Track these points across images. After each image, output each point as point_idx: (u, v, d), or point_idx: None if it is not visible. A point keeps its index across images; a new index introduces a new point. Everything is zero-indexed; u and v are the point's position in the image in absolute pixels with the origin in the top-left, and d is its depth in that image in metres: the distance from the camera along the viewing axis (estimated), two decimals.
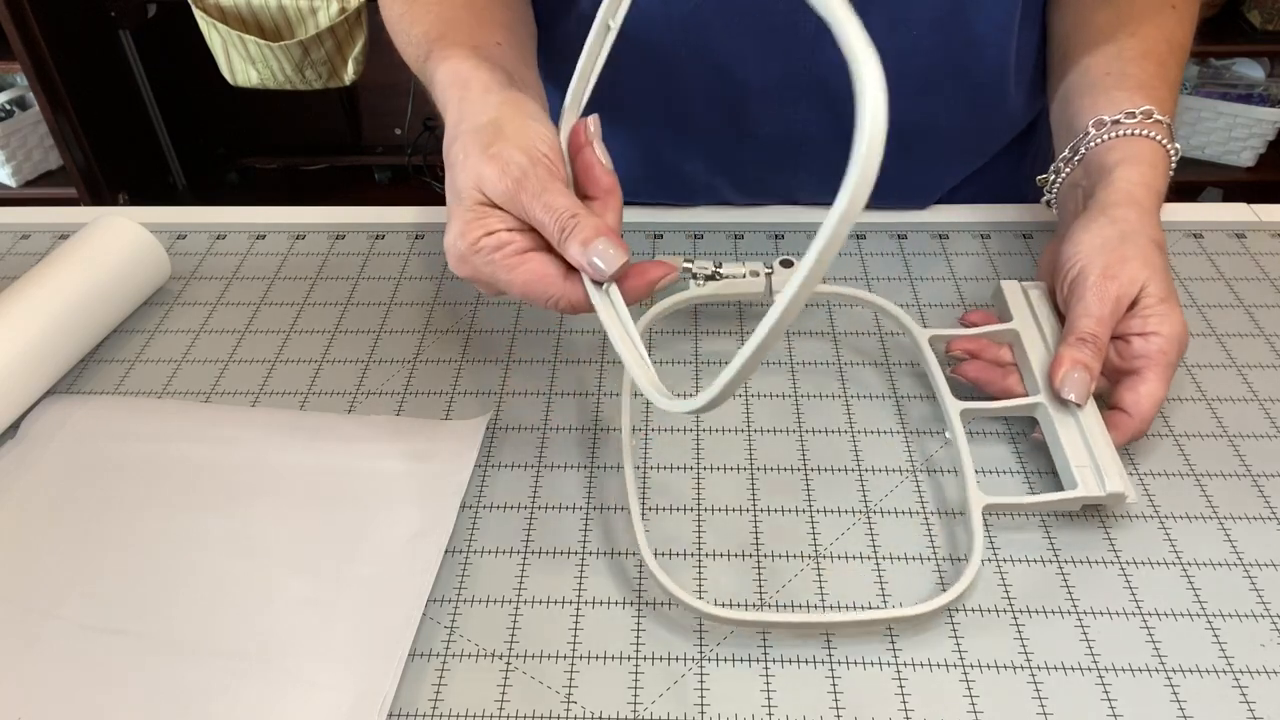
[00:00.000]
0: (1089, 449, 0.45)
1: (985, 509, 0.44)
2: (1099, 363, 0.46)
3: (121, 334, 0.58)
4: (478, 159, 0.40)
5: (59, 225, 0.69)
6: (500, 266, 0.40)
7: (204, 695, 0.38)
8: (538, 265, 0.40)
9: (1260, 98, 1.94)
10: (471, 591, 0.43)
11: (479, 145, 0.41)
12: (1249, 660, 0.39)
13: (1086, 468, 0.44)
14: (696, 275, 0.53)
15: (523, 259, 0.40)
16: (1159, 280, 0.48)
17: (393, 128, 2.27)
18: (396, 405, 0.53)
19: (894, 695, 0.38)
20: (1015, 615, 0.41)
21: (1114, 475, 0.43)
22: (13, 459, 0.49)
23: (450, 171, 0.43)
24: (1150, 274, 0.48)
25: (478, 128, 0.42)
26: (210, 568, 0.43)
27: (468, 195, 0.41)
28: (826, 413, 0.51)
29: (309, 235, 0.67)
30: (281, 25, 1.75)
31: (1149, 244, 0.49)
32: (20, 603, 0.42)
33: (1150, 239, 0.49)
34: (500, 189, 0.40)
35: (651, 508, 0.46)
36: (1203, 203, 0.83)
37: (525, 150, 0.40)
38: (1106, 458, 0.44)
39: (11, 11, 1.72)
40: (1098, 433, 0.45)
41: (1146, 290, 0.48)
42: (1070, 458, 0.44)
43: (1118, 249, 0.48)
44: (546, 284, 0.40)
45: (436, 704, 0.38)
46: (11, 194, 1.99)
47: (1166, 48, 0.56)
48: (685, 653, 0.40)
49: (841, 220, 0.30)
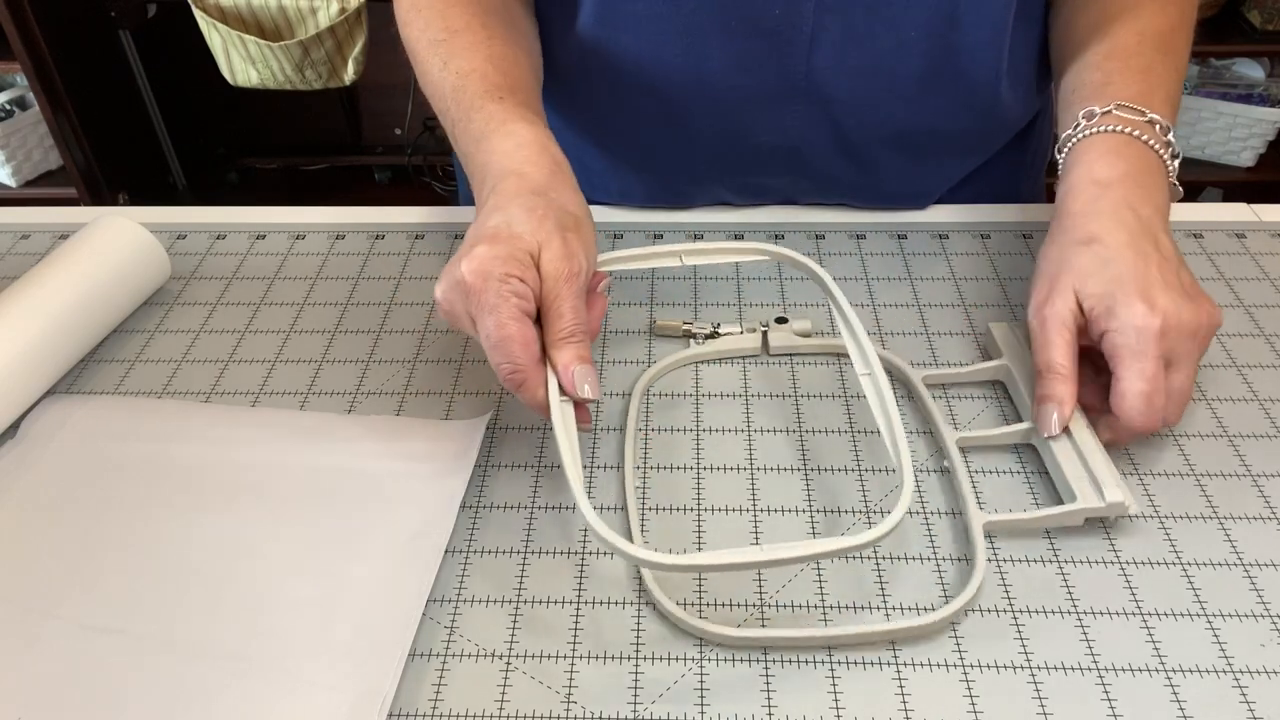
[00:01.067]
0: (1084, 463, 0.45)
1: (986, 526, 0.44)
2: (1067, 387, 0.46)
3: (121, 334, 0.58)
4: (554, 231, 0.44)
5: (59, 225, 0.69)
6: (502, 308, 0.41)
7: (204, 695, 0.38)
8: (530, 334, 0.42)
9: (1260, 98, 1.94)
10: (471, 591, 0.43)
11: (558, 223, 0.44)
12: (1249, 660, 0.39)
13: (1084, 481, 0.44)
14: (696, 335, 0.56)
15: (522, 318, 0.42)
16: (1098, 276, 0.47)
17: (393, 128, 2.27)
18: (396, 405, 0.53)
19: (894, 695, 0.38)
20: (1015, 615, 0.41)
21: (1111, 486, 0.44)
22: (13, 459, 0.49)
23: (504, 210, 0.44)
24: (1082, 276, 0.47)
25: (561, 210, 0.45)
26: (210, 568, 0.43)
27: (525, 242, 0.43)
28: (826, 413, 0.51)
29: (309, 235, 0.67)
30: (281, 25, 1.75)
31: (1083, 240, 0.48)
32: (20, 603, 0.42)
33: (1086, 234, 0.49)
34: (558, 269, 0.43)
35: (651, 508, 0.46)
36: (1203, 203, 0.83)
37: (588, 259, 0.45)
38: (1103, 470, 0.44)
39: (11, 11, 1.72)
40: (1092, 447, 0.46)
41: (1084, 294, 0.47)
42: (1067, 474, 0.45)
43: (1054, 265, 0.49)
44: (522, 351, 0.42)
45: (436, 704, 0.38)
46: (11, 194, 1.99)
47: (1137, 40, 0.55)
48: (685, 653, 0.40)
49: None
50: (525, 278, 0.42)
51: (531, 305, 0.43)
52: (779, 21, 0.56)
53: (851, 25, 0.56)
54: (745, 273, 0.62)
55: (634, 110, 0.63)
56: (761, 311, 0.58)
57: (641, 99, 0.62)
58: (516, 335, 0.42)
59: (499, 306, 0.41)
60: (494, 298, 0.41)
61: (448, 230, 0.67)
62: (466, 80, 0.52)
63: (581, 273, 0.44)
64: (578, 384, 0.43)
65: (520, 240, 0.43)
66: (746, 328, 0.56)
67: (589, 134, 0.68)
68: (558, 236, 0.43)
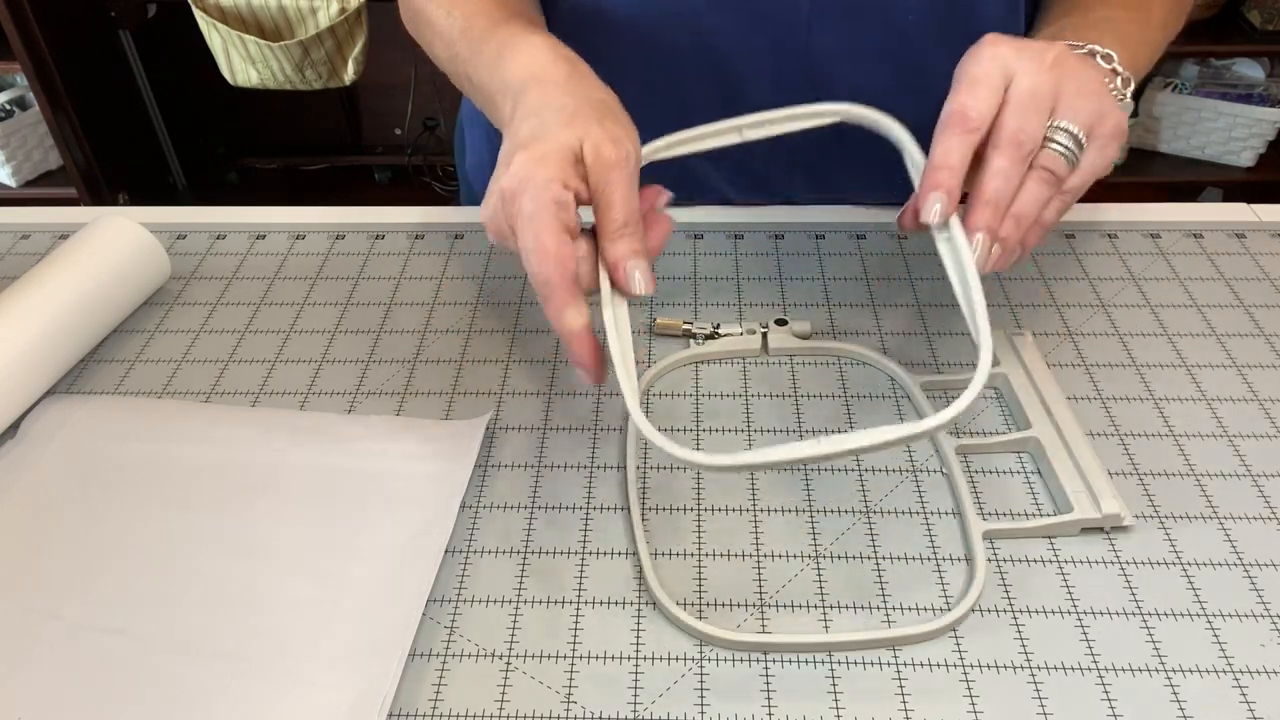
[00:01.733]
0: (1081, 474, 0.45)
1: (985, 534, 0.44)
2: (954, 180, 0.43)
3: (121, 334, 0.58)
4: (590, 121, 0.41)
5: (59, 225, 0.69)
6: (543, 217, 0.39)
7: (204, 695, 0.38)
8: (565, 249, 0.39)
9: (1260, 98, 1.94)
10: (471, 591, 0.43)
11: (595, 112, 0.41)
12: (1249, 660, 0.39)
13: (1081, 492, 0.45)
14: (696, 335, 0.56)
15: (559, 232, 0.39)
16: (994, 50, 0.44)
17: (393, 128, 2.27)
18: (396, 405, 0.53)
19: (894, 695, 0.38)
20: (1015, 615, 0.41)
21: (1108, 497, 0.44)
22: (13, 459, 0.49)
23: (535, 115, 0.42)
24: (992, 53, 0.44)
25: (593, 100, 0.42)
26: (210, 568, 0.43)
27: (563, 137, 0.40)
28: (826, 413, 0.51)
29: (309, 235, 0.67)
30: (281, 25, 1.75)
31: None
32: (20, 603, 0.42)
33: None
34: (604, 155, 0.40)
35: (651, 508, 0.46)
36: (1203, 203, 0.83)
37: (633, 144, 0.41)
38: (1100, 481, 0.45)
39: (11, 11, 1.71)
40: (1090, 458, 0.46)
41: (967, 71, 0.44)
42: (1064, 484, 0.45)
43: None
44: (554, 267, 0.39)
45: (436, 704, 0.38)
46: (11, 194, 1.99)
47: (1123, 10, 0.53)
48: (685, 653, 0.40)
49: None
50: (568, 180, 0.40)
51: (572, 215, 0.40)
52: (776, 3, 0.56)
53: (849, 5, 0.56)
54: (745, 273, 0.62)
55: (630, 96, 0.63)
56: (761, 311, 0.58)
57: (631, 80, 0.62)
58: (551, 247, 0.39)
59: (537, 215, 0.39)
60: (531, 204, 0.39)
61: (448, 230, 0.67)
62: (472, 21, 0.51)
63: (629, 158, 0.41)
64: (628, 279, 0.40)
65: (557, 138, 0.40)
66: (746, 329, 0.56)
67: None
68: (596, 125, 0.41)
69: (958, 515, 0.45)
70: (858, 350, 0.55)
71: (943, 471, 0.48)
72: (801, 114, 0.48)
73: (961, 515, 0.45)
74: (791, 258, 0.63)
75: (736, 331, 0.56)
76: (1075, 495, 0.44)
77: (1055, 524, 0.44)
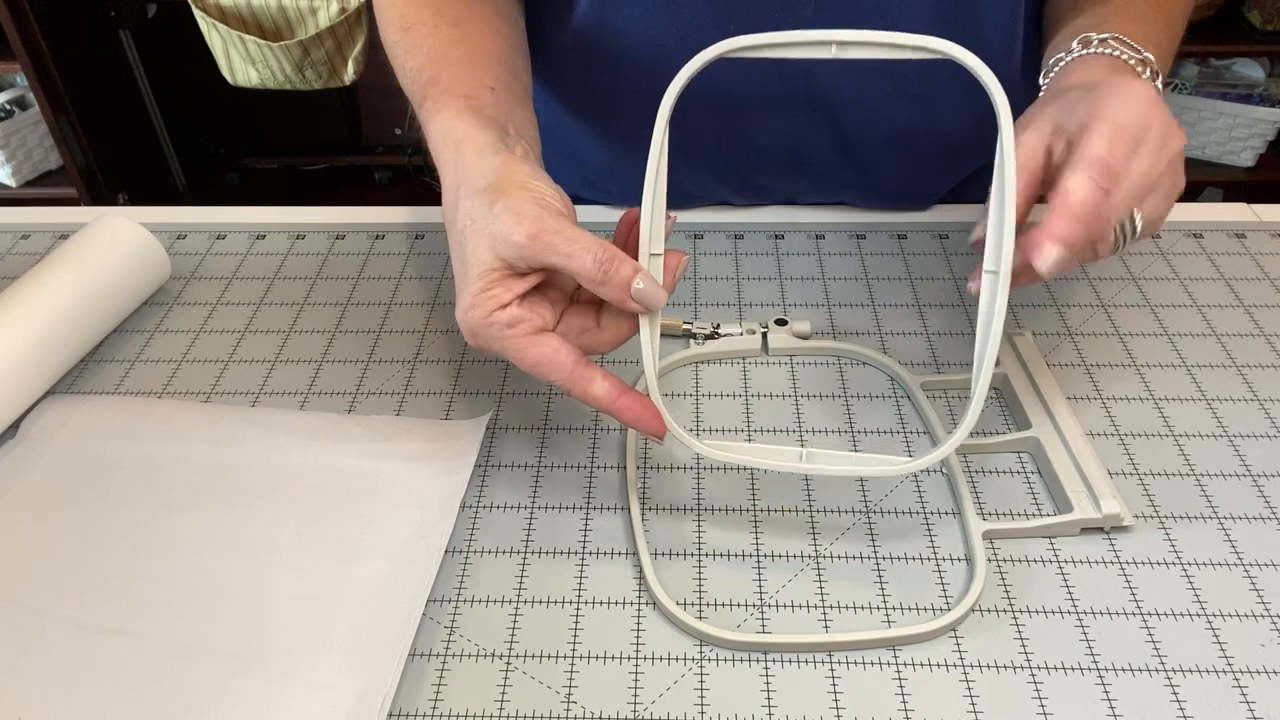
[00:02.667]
0: (1081, 474, 0.45)
1: (985, 534, 0.44)
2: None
3: (121, 334, 0.58)
4: (486, 219, 0.39)
5: (59, 225, 0.69)
6: (510, 345, 0.40)
7: (204, 695, 0.38)
8: (548, 351, 0.40)
9: (1260, 98, 1.94)
10: (471, 591, 0.43)
11: (484, 207, 0.40)
12: (1249, 660, 0.39)
13: (1081, 492, 0.45)
14: (696, 335, 0.56)
15: (534, 340, 0.40)
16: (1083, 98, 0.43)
17: (393, 128, 2.27)
18: (396, 405, 0.53)
19: (894, 695, 0.38)
20: (1015, 615, 0.41)
21: (1108, 497, 0.44)
22: (13, 459, 0.49)
23: (458, 239, 0.41)
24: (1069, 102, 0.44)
25: (478, 190, 0.41)
26: (210, 568, 0.43)
27: (476, 263, 0.40)
28: (826, 413, 0.51)
29: (309, 235, 0.67)
30: (281, 25, 1.75)
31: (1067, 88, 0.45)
32: (20, 603, 0.42)
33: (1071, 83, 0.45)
34: (517, 239, 0.38)
35: (651, 508, 0.46)
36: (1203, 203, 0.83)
37: (534, 200, 0.39)
38: (1100, 481, 0.45)
39: (11, 11, 1.72)
40: (1090, 458, 0.46)
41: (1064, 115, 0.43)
42: (1064, 484, 0.45)
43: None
44: (555, 368, 0.40)
45: (436, 704, 0.38)
46: (11, 194, 1.99)
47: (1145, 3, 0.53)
48: (685, 653, 0.40)
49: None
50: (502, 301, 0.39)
51: (532, 313, 0.40)
52: (778, 24, 0.56)
53: (851, 25, 0.56)
54: (745, 273, 0.62)
55: (632, 111, 0.63)
56: (761, 311, 0.59)
57: (640, 100, 0.62)
58: (537, 359, 0.40)
59: (505, 346, 0.40)
60: (494, 341, 0.40)
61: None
62: (414, 81, 0.51)
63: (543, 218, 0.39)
64: (640, 303, 0.39)
65: (472, 265, 0.40)
66: (746, 329, 0.56)
67: (588, 133, 0.68)
68: (495, 221, 0.39)
69: (958, 515, 0.45)
70: (858, 350, 0.55)
71: (943, 471, 0.48)
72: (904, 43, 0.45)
73: (961, 515, 0.45)
74: (791, 258, 0.63)
75: (736, 331, 0.56)
76: (1075, 495, 0.45)
77: (1055, 524, 0.44)
